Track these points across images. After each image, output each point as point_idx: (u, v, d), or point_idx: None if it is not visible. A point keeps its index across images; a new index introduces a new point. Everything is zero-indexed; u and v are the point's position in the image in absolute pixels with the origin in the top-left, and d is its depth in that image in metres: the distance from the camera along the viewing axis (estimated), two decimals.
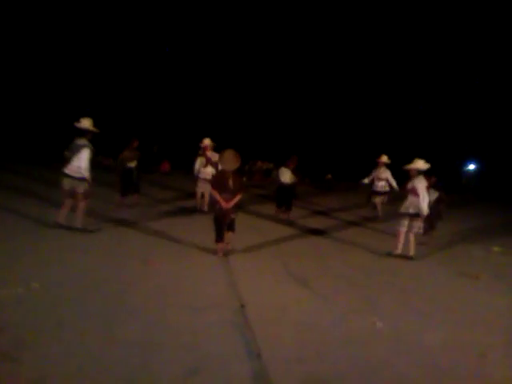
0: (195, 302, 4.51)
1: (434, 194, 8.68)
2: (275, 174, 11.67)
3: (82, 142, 7.00)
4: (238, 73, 27.04)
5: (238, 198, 6.43)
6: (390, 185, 11.16)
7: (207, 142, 10.16)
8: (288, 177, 10.29)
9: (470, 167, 30.40)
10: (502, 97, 26.57)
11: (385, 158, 11.32)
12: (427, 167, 7.58)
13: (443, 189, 9.24)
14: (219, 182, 6.49)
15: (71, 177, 6.88)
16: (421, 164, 7.53)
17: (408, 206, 7.42)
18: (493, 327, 4.71)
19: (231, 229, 6.52)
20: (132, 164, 10.02)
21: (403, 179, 8.08)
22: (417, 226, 7.41)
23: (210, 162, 9.90)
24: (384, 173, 11.20)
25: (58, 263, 5.33)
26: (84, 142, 7.00)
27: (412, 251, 7.42)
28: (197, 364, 3.29)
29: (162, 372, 3.14)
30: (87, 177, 6.91)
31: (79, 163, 6.85)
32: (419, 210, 7.30)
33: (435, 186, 8.83)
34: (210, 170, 9.90)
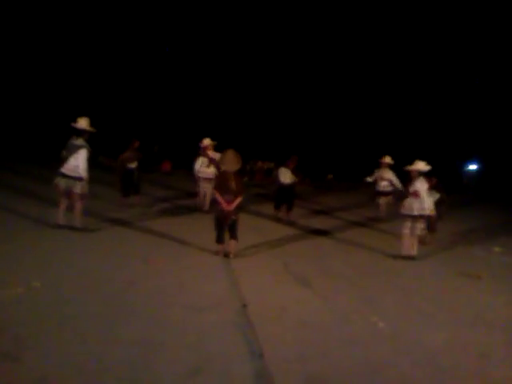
0: (197, 302, 4.51)
1: (436, 196, 8.67)
2: (275, 173, 11.65)
3: (79, 142, 6.99)
4: (238, 72, 27.03)
5: (239, 199, 6.41)
6: (393, 185, 11.14)
7: (207, 141, 10.16)
8: (288, 177, 10.27)
9: (471, 167, 30.37)
10: (502, 97, 26.55)
11: (388, 158, 11.32)
12: (428, 169, 7.57)
13: (444, 190, 9.23)
14: (221, 184, 6.46)
15: (68, 176, 6.86)
16: (422, 165, 7.52)
17: (410, 208, 7.42)
18: (494, 327, 4.71)
19: (233, 236, 6.43)
20: (133, 165, 10.01)
21: (404, 180, 8.08)
22: (419, 227, 7.40)
23: (212, 161, 9.88)
24: (387, 173, 11.20)
25: (58, 263, 5.33)
26: (81, 142, 6.99)
27: (414, 252, 7.42)
28: (199, 364, 3.29)
29: (163, 372, 3.14)
30: (85, 177, 6.90)
31: (76, 163, 6.84)
32: (422, 211, 7.30)
33: (436, 187, 8.82)
34: (212, 169, 9.90)
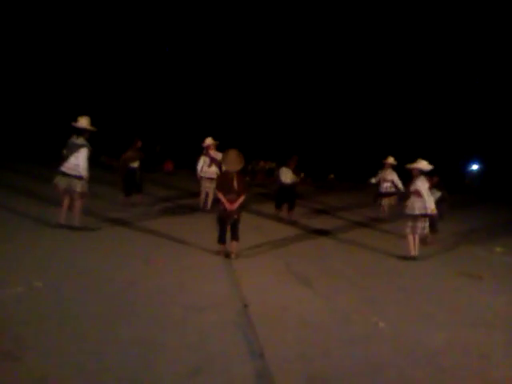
0: (198, 302, 4.51)
1: (437, 194, 8.65)
2: (276, 173, 11.68)
3: (80, 141, 7.01)
4: (240, 72, 27.02)
5: (242, 198, 6.37)
6: (395, 186, 11.14)
7: (209, 141, 10.20)
8: (289, 177, 10.29)
9: (473, 167, 30.31)
10: (504, 96, 26.48)
11: (391, 159, 11.34)
12: (430, 168, 7.55)
13: (445, 188, 9.21)
14: (224, 183, 6.42)
15: (68, 175, 6.88)
16: (424, 164, 7.50)
17: (412, 208, 7.41)
18: (495, 327, 4.70)
19: (235, 237, 6.39)
20: (135, 164, 10.03)
21: (407, 180, 8.06)
22: (421, 227, 7.39)
23: (214, 161, 9.91)
24: (390, 174, 11.22)
25: (59, 262, 5.34)
26: (82, 142, 7.01)
27: (415, 251, 7.40)
28: (199, 363, 3.29)
29: (164, 372, 3.14)
30: (85, 176, 6.92)
31: (77, 161, 6.86)
32: (423, 211, 7.29)
33: (437, 186, 8.80)
34: (214, 169, 9.92)
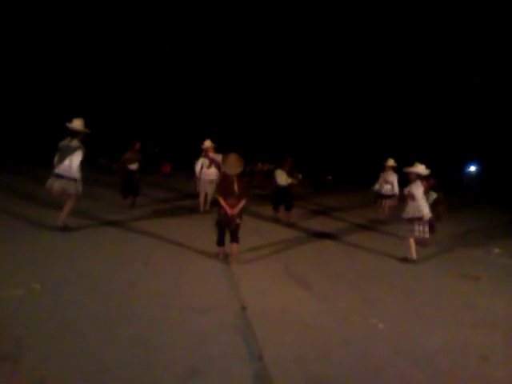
0: (196, 304, 4.51)
1: (432, 196, 8.67)
2: (272, 175, 11.72)
3: (74, 143, 7.01)
4: (239, 74, 27.07)
5: (243, 202, 6.27)
6: (393, 189, 11.20)
7: (208, 143, 10.24)
8: (284, 178, 10.28)
9: (471, 169, 30.40)
10: (502, 98, 26.57)
11: (391, 161, 11.39)
12: (427, 173, 7.57)
13: (442, 189, 9.22)
14: (224, 187, 6.28)
15: (62, 176, 6.90)
16: (421, 169, 7.50)
17: (409, 211, 7.44)
18: (493, 328, 4.71)
19: (235, 239, 6.29)
20: (134, 166, 10.02)
21: (405, 182, 8.07)
22: (418, 230, 7.39)
23: (213, 162, 9.94)
24: (391, 176, 11.27)
25: (58, 264, 5.33)
26: (76, 144, 7.01)
27: (413, 254, 7.42)
28: (198, 365, 3.29)
29: (163, 373, 3.14)
30: (77, 177, 6.94)
31: (70, 163, 6.89)
32: (418, 214, 7.30)
33: (434, 187, 8.82)
34: (214, 170, 9.94)
